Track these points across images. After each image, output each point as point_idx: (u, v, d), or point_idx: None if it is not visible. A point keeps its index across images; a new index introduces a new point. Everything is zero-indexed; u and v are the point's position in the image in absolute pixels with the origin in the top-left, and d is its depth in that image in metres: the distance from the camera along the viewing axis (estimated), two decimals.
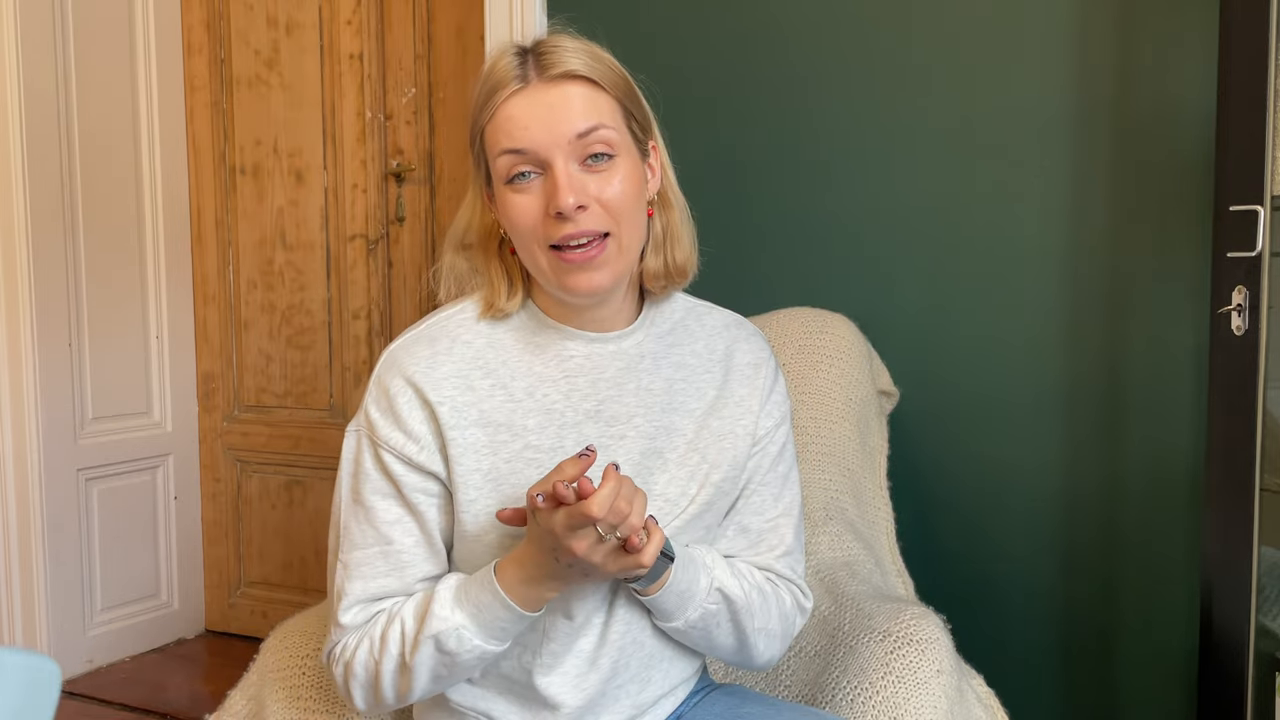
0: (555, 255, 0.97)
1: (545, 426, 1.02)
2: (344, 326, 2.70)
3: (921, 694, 1.19)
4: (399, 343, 1.05)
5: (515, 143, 0.96)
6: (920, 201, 1.79)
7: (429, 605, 0.99)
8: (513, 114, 0.96)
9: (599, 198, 0.96)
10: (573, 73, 0.96)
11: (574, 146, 0.96)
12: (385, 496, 1.01)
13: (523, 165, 0.96)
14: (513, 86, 0.96)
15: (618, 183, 0.97)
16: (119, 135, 2.69)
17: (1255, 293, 1.33)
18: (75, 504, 2.62)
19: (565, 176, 0.95)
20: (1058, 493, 1.73)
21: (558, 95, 0.96)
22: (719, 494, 1.08)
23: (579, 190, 0.95)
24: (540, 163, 0.96)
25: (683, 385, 1.09)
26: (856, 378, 1.64)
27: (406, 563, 1.02)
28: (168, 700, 2.48)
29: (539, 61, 0.97)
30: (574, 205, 0.94)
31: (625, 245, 0.99)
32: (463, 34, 2.51)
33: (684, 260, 1.07)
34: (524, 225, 0.98)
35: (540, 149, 0.95)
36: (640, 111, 1.03)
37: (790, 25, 1.86)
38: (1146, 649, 1.69)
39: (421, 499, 1.01)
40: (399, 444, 1.00)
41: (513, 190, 0.98)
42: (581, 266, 0.97)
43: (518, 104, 0.96)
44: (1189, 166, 1.61)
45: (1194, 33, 1.59)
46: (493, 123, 0.97)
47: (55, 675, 0.57)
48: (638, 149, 1.02)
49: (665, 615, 1.04)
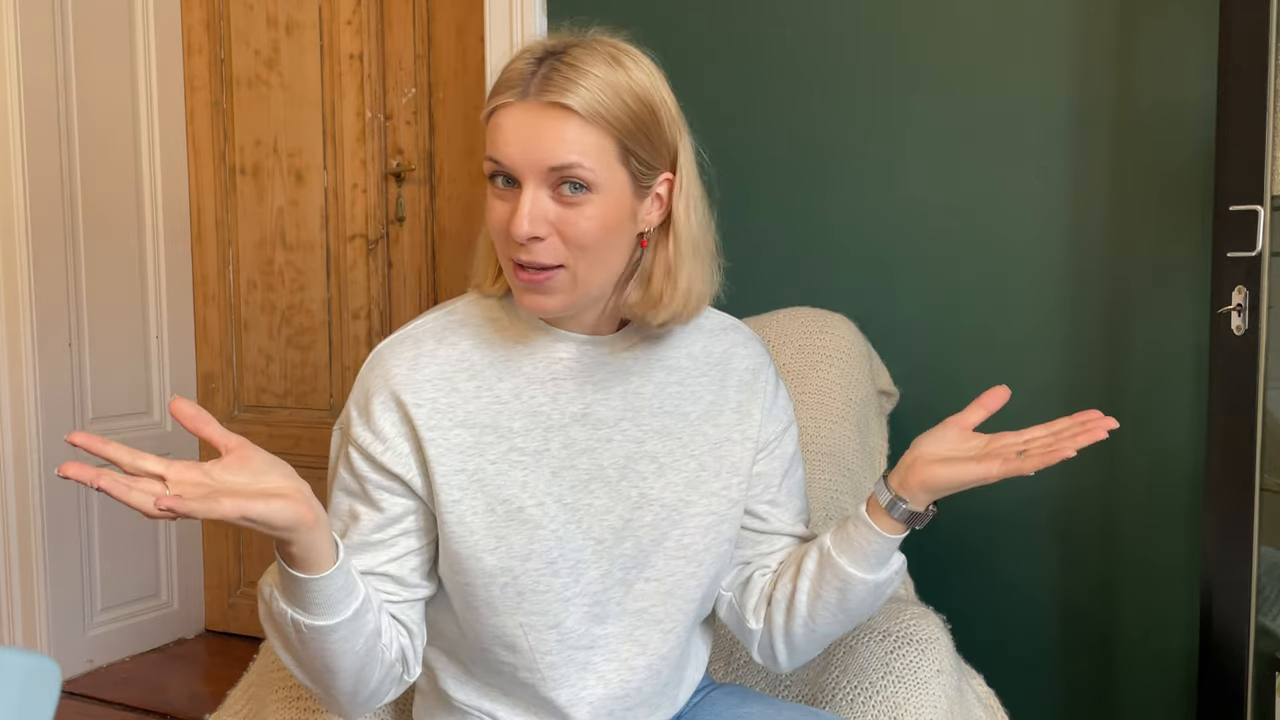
0: (514, 269, 0.97)
1: (531, 429, 1.02)
2: (344, 326, 2.70)
3: (922, 694, 1.19)
4: (386, 343, 1.05)
5: (495, 153, 0.95)
6: (920, 202, 1.79)
7: None
8: (501, 124, 0.95)
9: (561, 229, 0.94)
10: (563, 105, 0.93)
11: (546, 175, 0.94)
12: (349, 494, 1.02)
13: (504, 176, 0.96)
14: (510, 96, 0.95)
15: (585, 220, 0.94)
16: (119, 135, 2.70)
17: (1255, 292, 1.34)
18: (75, 504, 2.62)
19: (528, 204, 0.93)
20: (1057, 492, 1.73)
21: (544, 122, 0.93)
22: (727, 504, 1.08)
23: (536, 220, 0.93)
24: (517, 180, 0.95)
25: (676, 389, 1.08)
26: (856, 378, 1.64)
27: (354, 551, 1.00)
28: (168, 700, 2.48)
29: (545, 78, 0.94)
30: (527, 235, 0.93)
31: (581, 278, 0.97)
32: (463, 34, 2.51)
33: (669, 297, 1.01)
34: (495, 228, 0.98)
35: (515, 168, 0.94)
36: (648, 148, 0.98)
37: (790, 26, 1.87)
38: (1146, 648, 1.69)
39: (385, 498, 1.01)
40: (366, 442, 1.00)
41: (492, 191, 0.98)
42: (529, 288, 0.96)
43: (507, 116, 0.95)
44: (1189, 166, 1.61)
45: (1194, 33, 1.59)
46: (489, 123, 0.97)
47: (55, 675, 0.57)
48: (633, 184, 0.97)
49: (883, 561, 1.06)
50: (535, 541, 1.01)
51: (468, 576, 1.02)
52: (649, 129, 0.97)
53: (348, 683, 0.96)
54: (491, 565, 1.01)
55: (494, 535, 1.01)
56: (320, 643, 0.92)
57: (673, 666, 1.11)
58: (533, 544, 1.01)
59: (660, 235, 1.03)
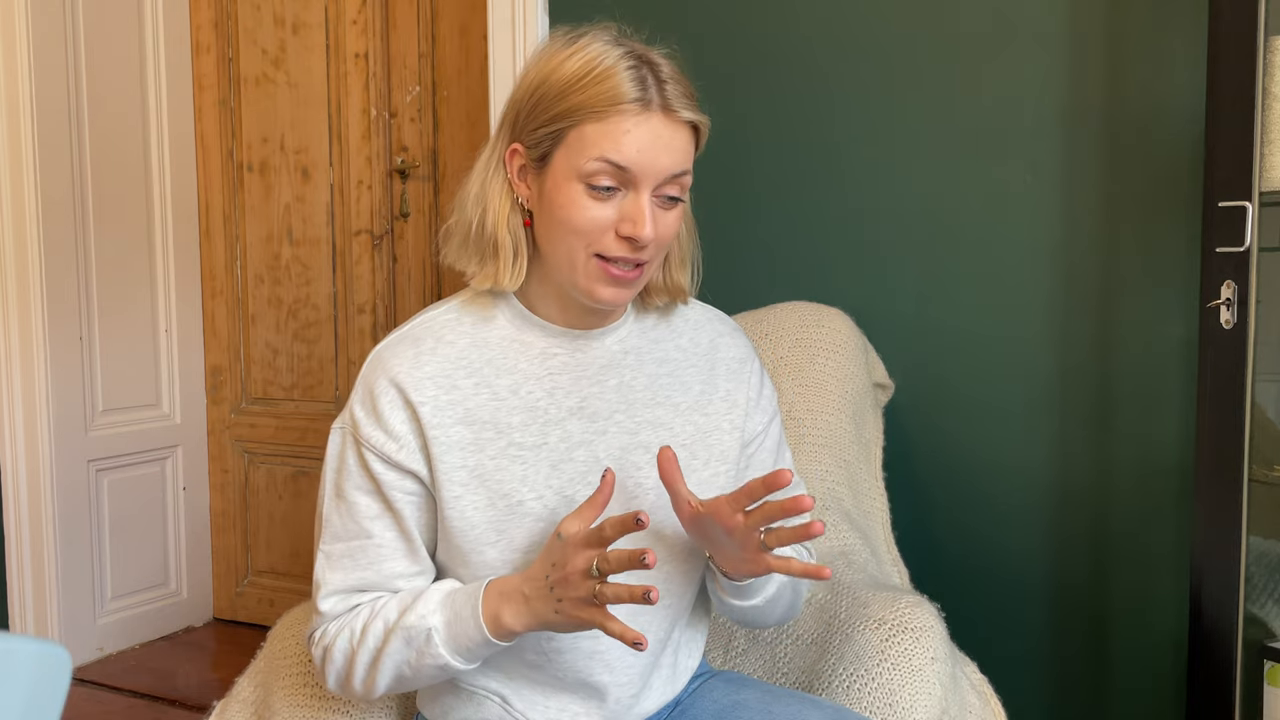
0: (600, 264, 0.99)
1: (529, 424, 1.04)
2: (349, 320, 2.73)
3: (916, 681, 1.20)
4: (385, 343, 1.06)
5: (622, 159, 0.97)
6: (915, 198, 1.80)
7: (415, 602, 1.01)
8: (631, 131, 0.97)
9: (659, 234, 1.00)
10: (691, 121, 1.01)
11: (661, 184, 0.99)
12: (367, 493, 1.04)
13: (612, 179, 0.98)
14: (637, 105, 0.97)
15: (674, 222, 1.02)
16: (129, 133, 2.72)
17: (1244, 287, 1.34)
18: (86, 495, 2.64)
19: (650, 210, 0.99)
20: (1050, 482, 1.74)
21: (674, 135, 0.99)
22: (715, 491, 1.10)
23: (655, 225, 0.99)
24: (628, 183, 0.98)
25: (667, 380, 1.10)
26: (852, 370, 1.65)
27: (385, 556, 1.04)
28: (176, 687, 2.50)
29: (663, 91, 0.99)
30: (651, 238, 0.98)
31: (651, 272, 1.04)
32: (466, 33, 2.53)
33: (685, 283, 1.11)
34: (586, 229, 0.98)
35: (640, 174, 0.97)
36: None
37: (785, 24, 1.87)
38: (1137, 636, 1.70)
39: (400, 497, 1.03)
40: (379, 442, 1.02)
41: (589, 193, 0.98)
42: (616, 281, 1.00)
43: (639, 124, 0.97)
44: (1179, 163, 1.62)
45: (1183, 30, 1.59)
46: (602, 125, 0.97)
47: (66, 662, 0.56)
48: None
49: (750, 594, 1.08)
50: (536, 534, 1.03)
51: (471, 569, 1.04)
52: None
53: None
54: (493, 558, 1.03)
55: (495, 529, 1.03)
56: (440, 677, 1.04)
57: (671, 650, 1.14)
58: (533, 536, 1.03)
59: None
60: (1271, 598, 1.55)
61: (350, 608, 1.05)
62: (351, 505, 1.04)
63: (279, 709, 1.23)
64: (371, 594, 1.05)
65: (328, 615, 1.05)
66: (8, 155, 2.50)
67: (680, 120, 1.00)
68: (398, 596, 1.04)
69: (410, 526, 1.04)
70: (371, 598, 1.05)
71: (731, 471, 1.12)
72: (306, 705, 1.22)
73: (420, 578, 1.06)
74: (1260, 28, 1.32)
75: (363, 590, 1.05)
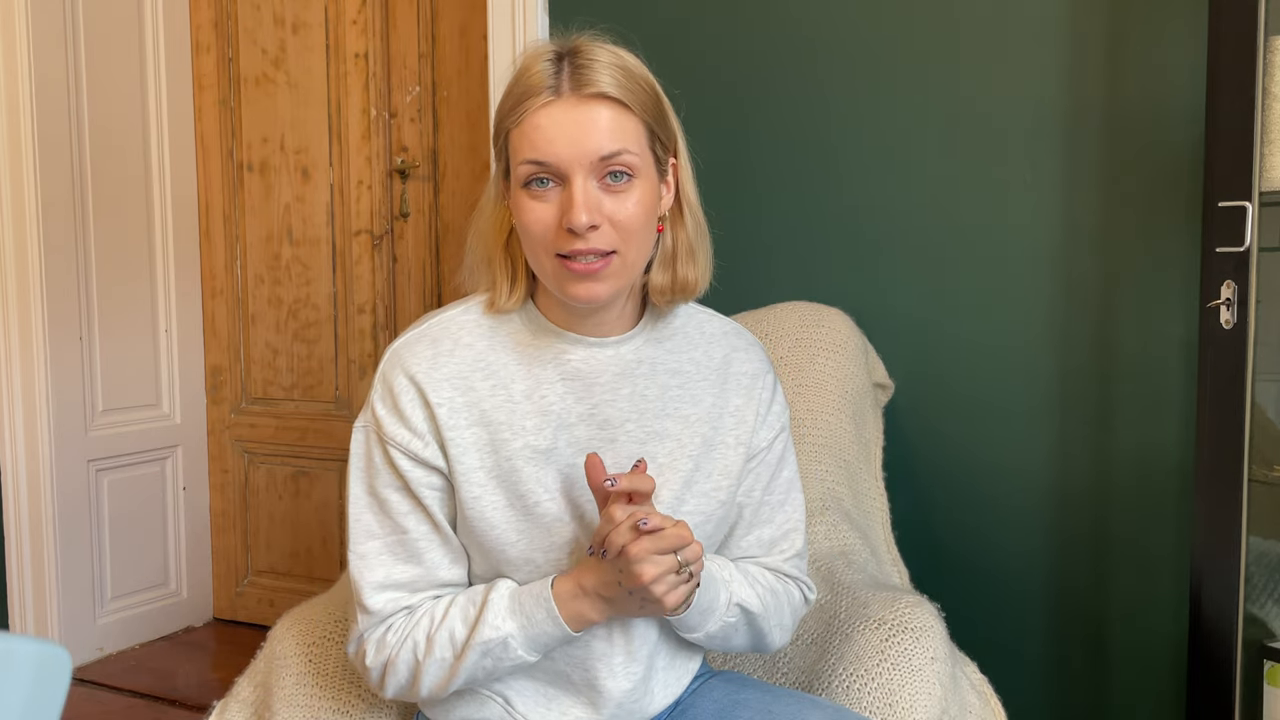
0: (561, 263, 0.98)
1: (542, 428, 1.05)
2: (349, 320, 2.73)
3: (916, 680, 1.20)
4: (403, 340, 1.07)
5: (539, 154, 0.96)
6: (915, 198, 1.80)
7: (481, 613, 1.02)
8: (540, 124, 0.96)
9: (612, 217, 0.97)
10: (604, 94, 0.96)
11: (595, 166, 0.97)
12: (397, 490, 1.04)
13: (542, 174, 0.97)
14: (544, 97, 0.96)
15: (631, 204, 0.98)
16: (129, 133, 2.72)
17: (1244, 287, 1.34)
18: (86, 495, 2.64)
19: (582, 195, 0.96)
20: (1050, 483, 1.74)
21: (586, 114, 0.96)
22: (716, 505, 1.11)
23: (593, 209, 0.96)
24: (560, 175, 0.97)
25: (678, 392, 1.10)
26: (852, 370, 1.65)
27: (423, 550, 1.05)
28: (176, 687, 2.50)
29: (574, 75, 0.96)
30: (587, 224, 0.95)
31: (629, 262, 1.01)
32: (466, 33, 2.53)
33: (694, 278, 1.08)
34: (535, 231, 0.99)
35: (562, 164, 0.96)
36: (666, 131, 1.03)
37: (787, 25, 1.87)
38: (1137, 636, 1.70)
39: (426, 492, 1.04)
40: (404, 440, 1.03)
41: (529, 195, 0.98)
42: (583, 277, 0.98)
43: (547, 116, 0.96)
44: (1179, 163, 1.62)
45: (1183, 30, 1.60)
46: (519, 128, 0.98)
47: (66, 662, 0.57)
48: (657, 169, 1.02)
49: (687, 629, 1.09)
50: (554, 534, 1.05)
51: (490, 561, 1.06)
52: (663, 112, 1.03)
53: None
54: (515, 556, 1.05)
55: (515, 529, 1.04)
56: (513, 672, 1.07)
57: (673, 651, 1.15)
58: (549, 536, 1.05)
59: (674, 217, 1.08)
60: (1271, 598, 1.55)
61: (401, 609, 1.06)
62: (384, 502, 1.05)
63: (279, 709, 1.23)
64: (421, 594, 1.06)
65: (377, 614, 1.05)
66: (8, 155, 2.50)
67: (593, 96, 0.96)
68: (457, 605, 1.05)
69: (439, 519, 1.05)
70: (426, 601, 1.06)
71: (733, 486, 1.12)
72: (306, 705, 1.23)
73: (457, 566, 1.07)
74: (1260, 28, 1.33)
75: (409, 587, 1.06)
